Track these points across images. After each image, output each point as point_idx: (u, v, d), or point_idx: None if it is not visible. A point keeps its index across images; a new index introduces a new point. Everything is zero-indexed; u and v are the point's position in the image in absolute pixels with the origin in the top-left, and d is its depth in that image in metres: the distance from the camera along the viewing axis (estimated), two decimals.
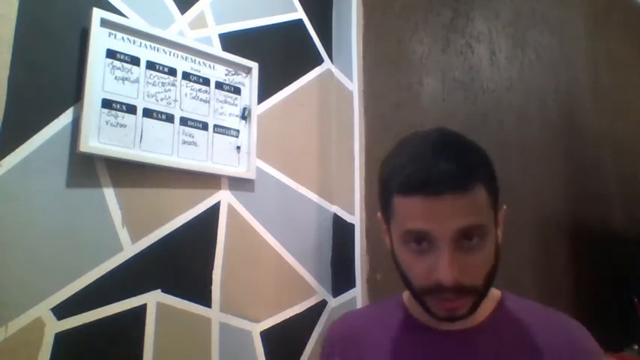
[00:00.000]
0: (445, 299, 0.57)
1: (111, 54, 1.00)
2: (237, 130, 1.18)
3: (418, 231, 0.56)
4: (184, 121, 1.09)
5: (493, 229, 0.60)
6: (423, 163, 0.57)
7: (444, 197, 0.55)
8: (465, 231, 0.55)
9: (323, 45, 1.43)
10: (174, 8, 1.13)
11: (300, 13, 1.39)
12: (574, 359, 0.59)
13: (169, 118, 1.07)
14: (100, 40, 0.98)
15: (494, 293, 0.67)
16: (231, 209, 1.15)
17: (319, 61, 1.41)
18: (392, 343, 0.67)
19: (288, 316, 1.21)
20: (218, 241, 1.12)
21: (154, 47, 1.07)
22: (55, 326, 0.87)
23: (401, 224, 0.59)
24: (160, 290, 1.01)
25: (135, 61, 1.04)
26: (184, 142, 1.09)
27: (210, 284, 1.09)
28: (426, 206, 0.56)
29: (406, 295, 0.72)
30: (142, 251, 1.00)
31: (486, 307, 0.65)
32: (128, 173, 1.00)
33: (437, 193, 0.55)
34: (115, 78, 1.00)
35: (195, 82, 1.13)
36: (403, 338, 0.67)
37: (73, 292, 0.90)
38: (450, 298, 0.56)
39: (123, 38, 1.02)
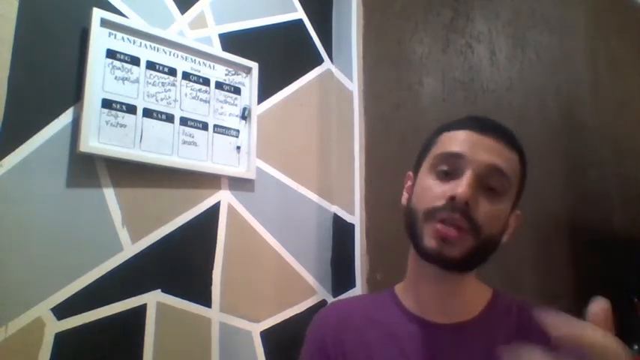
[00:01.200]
0: (444, 227, 0.58)
1: (111, 54, 1.00)
2: (237, 130, 1.18)
3: (454, 152, 0.61)
4: (184, 121, 1.09)
5: (511, 197, 0.63)
6: (476, 117, 0.66)
7: (488, 136, 0.61)
8: (494, 170, 0.59)
9: (323, 45, 1.43)
10: (174, 8, 1.13)
11: (300, 13, 1.39)
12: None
13: (169, 118, 1.07)
14: (100, 40, 0.98)
15: (487, 290, 0.67)
16: (231, 209, 1.15)
17: (319, 61, 1.41)
18: (384, 335, 0.66)
19: (288, 316, 1.21)
20: (218, 241, 1.12)
21: (154, 47, 1.07)
22: (55, 326, 0.87)
23: (438, 149, 0.64)
24: (159, 290, 1.01)
25: (135, 61, 1.04)
26: (184, 142, 1.09)
27: (210, 284, 1.09)
28: (468, 137, 0.62)
29: (398, 287, 0.72)
30: (142, 251, 1.00)
31: (479, 302, 0.65)
32: (128, 173, 1.00)
33: (484, 131, 0.62)
34: (115, 78, 1.00)
35: (195, 82, 1.13)
36: (396, 330, 0.66)
37: (73, 292, 0.90)
38: (452, 223, 0.57)
39: (123, 38, 1.02)
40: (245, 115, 1.20)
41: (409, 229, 0.64)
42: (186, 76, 1.11)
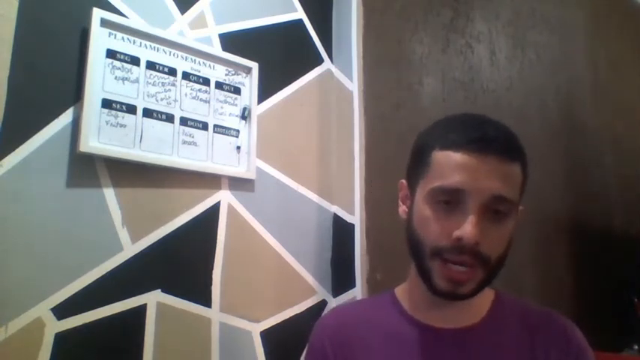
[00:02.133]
0: (455, 270, 0.55)
1: (111, 54, 1.00)
2: (237, 130, 1.18)
3: (453, 187, 0.55)
4: (184, 121, 1.09)
5: (516, 212, 0.59)
6: (470, 126, 0.58)
7: (489, 159, 0.55)
8: (499, 199, 0.55)
9: (323, 45, 1.43)
10: (174, 8, 1.13)
11: (300, 13, 1.39)
12: (572, 357, 0.59)
13: (169, 118, 1.07)
14: (100, 40, 0.98)
15: (489, 292, 0.66)
16: (231, 209, 1.15)
17: (319, 61, 1.41)
18: (386, 341, 0.65)
19: (288, 316, 1.21)
20: (218, 241, 1.12)
21: (154, 47, 1.07)
22: (55, 326, 0.87)
23: (435, 179, 0.57)
24: (160, 290, 1.01)
25: (135, 61, 1.03)
26: (184, 142, 1.09)
27: (210, 284, 1.09)
28: (468, 163, 0.55)
29: (399, 290, 0.71)
30: (142, 251, 1.00)
31: (482, 306, 0.64)
32: (128, 173, 1.00)
33: (482, 152, 0.55)
34: (115, 78, 1.00)
35: (195, 82, 1.13)
36: (397, 334, 0.65)
37: (73, 292, 0.90)
38: (461, 264, 0.55)
39: (123, 38, 1.02)
40: (245, 115, 1.20)
41: (414, 256, 0.61)
42: (186, 76, 1.11)
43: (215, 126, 1.15)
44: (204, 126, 1.13)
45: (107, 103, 0.98)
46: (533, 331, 0.62)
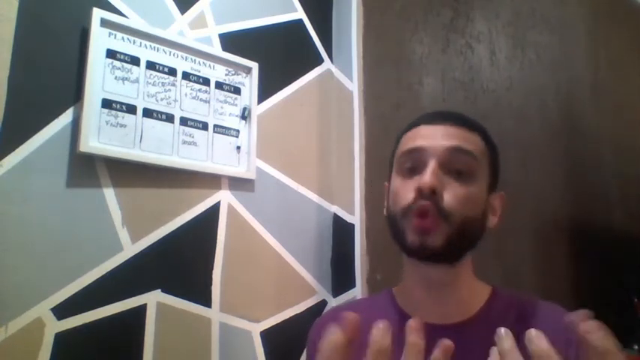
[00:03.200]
0: (418, 220, 0.57)
1: (111, 54, 1.00)
2: (237, 130, 1.18)
3: (413, 147, 0.62)
4: (184, 121, 1.09)
5: (484, 174, 0.63)
6: (431, 111, 0.67)
7: (444, 124, 0.62)
8: (454, 150, 0.60)
9: (323, 45, 1.43)
10: (174, 8, 1.13)
11: (300, 13, 1.39)
12: (572, 345, 0.59)
13: (169, 118, 1.07)
14: (100, 40, 0.98)
15: (486, 287, 0.67)
16: (231, 209, 1.15)
17: (319, 61, 1.41)
18: None
19: (288, 316, 1.21)
20: (218, 241, 1.12)
21: (154, 47, 1.07)
22: (55, 326, 0.87)
23: (399, 150, 0.65)
24: (160, 290, 1.01)
25: (135, 61, 1.03)
26: (184, 142, 1.09)
27: (210, 284, 1.09)
28: (425, 130, 0.63)
29: (396, 289, 0.72)
30: (142, 251, 1.00)
31: (477, 301, 0.65)
32: (128, 173, 1.00)
33: (438, 120, 0.63)
34: (115, 78, 1.00)
35: (195, 82, 1.13)
36: (395, 334, 0.66)
37: (73, 292, 0.90)
38: (424, 214, 0.57)
39: (123, 38, 1.02)
40: (245, 115, 1.20)
41: (394, 234, 0.64)
42: (186, 76, 1.11)
43: (215, 126, 1.15)
44: (204, 126, 1.13)
45: (107, 103, 0.98)
46: (532, 322, 0.62)
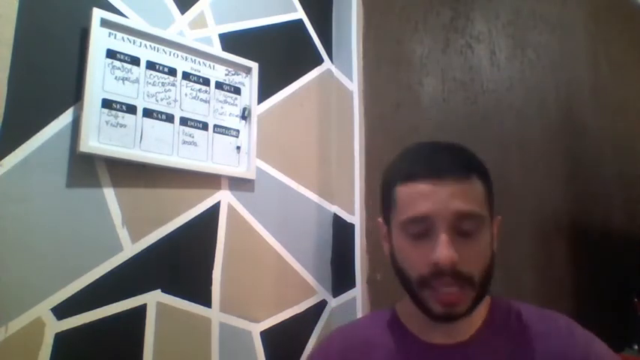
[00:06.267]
0: (444, 293, 0.57)
1: (111, 54, 1.00)
2: (237, 130, 1.18)
3: (419, 216, 0.58)
4: (184, 121, 1.09)
5: (488, 224, 0.61)
6: (424, 157, 0.62)
7: (446, 181, 0.58)
8: (463, 216, 0.57)
9: (323, 45, 1.43)
10: (174, 8, 1.13)
11: (300, 13, 1.39)
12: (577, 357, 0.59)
13: (169, 118, 1.07)
14: (100, 40, 0.98)
15: (484, 301, 0.67)
16: (231, 209, 1.15)
17: (319, 61, 1.41)
18: (387, 358, 0.65)
19: (288, 316, 1.21)
20: (218, 241, 1.12)
21: (154, 47, 1.07)
22: (55, 326, 0.87)
23: (402, 213, 0.61)
24: (159, 290, 1.01)
25: (135, 61, 1.03)
26: (184, 142, 1.09)
27: (210, 284, 1.09)
28: (427, 191, 0.58)
29: (399, 306, 0.71)
30: (142, 251, 1.00)
31: (479, 315, 0.64)
32: (128, 173, 1.00)
33: (439, 176, 0.58)
34: (115, 78, 1.00)
35: (195, 82, 1.13)
36: (399, 354, 0.66)
37: (73, 292, 0.90)
38: (448, 286, 0.56)
39: (123, 38, 1.02)
40: (245, 115, 1.20)
41: (405, 288, 0.63)
42: (186, 76, 1.11)
43: (215, 126, 1.15)
44: (204, 126, 1.13)
45: (107, 103, 0.98)
46: (531, 333, 0.62)
